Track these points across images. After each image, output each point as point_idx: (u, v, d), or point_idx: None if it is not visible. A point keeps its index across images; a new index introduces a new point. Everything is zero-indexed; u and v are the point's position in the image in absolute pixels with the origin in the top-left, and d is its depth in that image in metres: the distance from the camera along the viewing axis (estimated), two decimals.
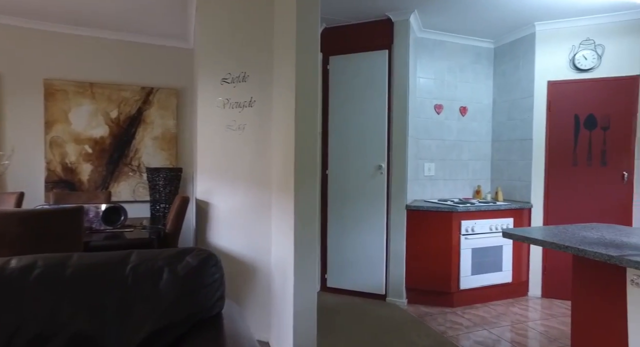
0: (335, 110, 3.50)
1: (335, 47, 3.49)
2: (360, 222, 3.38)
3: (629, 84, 3.21)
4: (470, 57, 3.83)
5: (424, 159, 3.69)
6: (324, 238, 3.53)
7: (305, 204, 2.10)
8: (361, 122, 3.39)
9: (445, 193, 3.79)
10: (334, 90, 3.50)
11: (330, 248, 3.50)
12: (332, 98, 3.51)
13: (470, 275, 3.18)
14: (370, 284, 3.34)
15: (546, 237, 1.73)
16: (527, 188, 3.46)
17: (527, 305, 3.22)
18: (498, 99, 3.85)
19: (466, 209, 3.12)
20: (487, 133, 3.93)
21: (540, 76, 3.39)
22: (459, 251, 3.14)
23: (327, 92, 3.53)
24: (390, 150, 3.28)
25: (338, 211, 3.47)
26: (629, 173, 3.22)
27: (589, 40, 3.27)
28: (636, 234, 1.89)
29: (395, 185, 3.26)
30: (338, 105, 3.49)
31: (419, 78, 3.65)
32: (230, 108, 2.63)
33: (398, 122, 3.27)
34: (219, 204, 2.67)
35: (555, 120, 3.35)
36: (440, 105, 3.72)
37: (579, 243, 1.61)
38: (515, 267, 3.35)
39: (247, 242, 2.58)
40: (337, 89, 3.49)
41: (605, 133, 3.24)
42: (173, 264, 1.36)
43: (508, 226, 3.31)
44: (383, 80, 3.31)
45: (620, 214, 3.23)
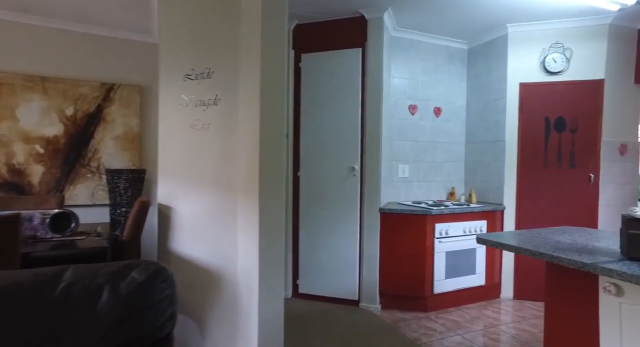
0: (308, 109, 3.38)
1: (307, 45, 3.37)
2: (333, 226, 3.28)
3: (595, 88, 3.26)
4: (445, 58, 3.80)
5: (398, 160, 3.63)
6: (296, 242, 3.41)
7: (271, 209, 1.98)
8: (334, 122, 3.29)
9: (419, 195, 3.74)
10: (306, 89, 3.38)
11: (302, 253, 3.38)
12: (304, 97, 3.39)
13: (444, 279, 3.13)
14: (343, 290, 3.24)
15: (520, 243, 1.67)
16: (500, 190, 3.45)
17: (499, 307, 3.21)
18: (472, 100, 3.84)
19: (440, 211, 3.07)
20: (461, 134, 3.91)
21: (512, 78, 3.39)
22: (432, 254, 3.09)
23: (299, 91, 3.41)
24: (364, 152, 3.19)
25: (310, 214, 3.35)
26: (595, 175, 3.26)
27: (558, 44, 3.30)
28: (606, 237, 1.87)
29: (369, 187, 3.17)
30: (310, 105, 3.37)
31: (393, 78, 3.58)
32: (194, 106, 2.46)
33: (372, 122, 3.18)
34: (182, 209, 2.50)
35: (527, 122, 3.36)
36: (414, 106, 3.67)
37: (553, 249, 1.56)
38: (488, 270, 3.33)
39: (212, 250, 2.42)
40: (310, 87, 3.37)
41: (573, 135, 3.28)
42: (115, 281, 1.20)
43: (481, 229, 3.29)
44: (356, 79, 3.22)
45: (587, 215, 3.27)
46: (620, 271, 1.27)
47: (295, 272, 3.42)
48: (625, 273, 1.26)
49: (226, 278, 2.39)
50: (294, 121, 3.43)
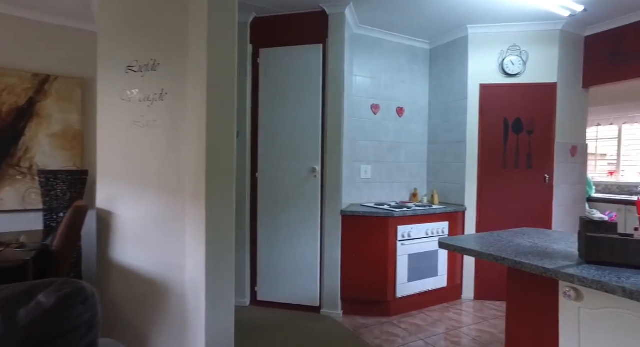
0: (266, 107, 3.22)
1: (266, 39, 3.21)
2: (293, 229, 3.14)
3: (549, 91, 3.33)
4: (407, 57, 3.76)
5: (361, 161, 3.54)
6: (254, 247, 3.23)
7: (219, 214, 1.81)
8: (294, 121, 3.15)
9: (382, 196, 3.68)
10: (264, 85, 3.22)
11: (260, 258, 3.21)
12: (262, 94, 3.22)
13: (407, 282, 3.07)
14: (304, 296, 3.10)
15: (482, 247, 1.61)
16: (461, 191, 3.46)
17: (460, 309, 3.20)
18: (434, 101, 3.83)
19: (403, 213, 3.01)
20: (424, 135, 3.90)
21: (473, 79, 3.40)
22: (395, 257, 3.02)
23: (257, 88, 3.23)
24: (325, 152, 3.08)
25: (269, 217, 3.19)
26: (549, 176, 3.34)
27: (516, 47, 3.35)
28: (563, 239, 1.86)
29: (330, 189, 3.06)
30: (269, 102, 3.21)
31: (356, 76, 3.49)
32: (137, 101, 2.23)
33: (333, 121, 3.07)
34: (124, 214, 2.26)
35: (487, 123, 3.39)
36: (377, 106, 3.60)
37: (515, 254, 1.51)
38: (450, 272, 3.32)
39: (157, 259, 2.20)
40: (268, 84, 3.21)
41: (530, 137, 3.34)
42: (12, 309, 0.99)
43: (443, 230, 3.27)
44: (317, 76, 3.10)
45: (543, 214, 3.34)
46: (581, 277, 1.23)
47: (253, 279, 3.25)
48: (586, 279, 1.21)
49: (173, 289, 2.18)
50: (252, 119, 3.25)
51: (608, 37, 3.37)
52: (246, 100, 3.22)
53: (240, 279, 3.23)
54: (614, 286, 1.14)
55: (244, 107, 3.22)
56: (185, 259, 2.17)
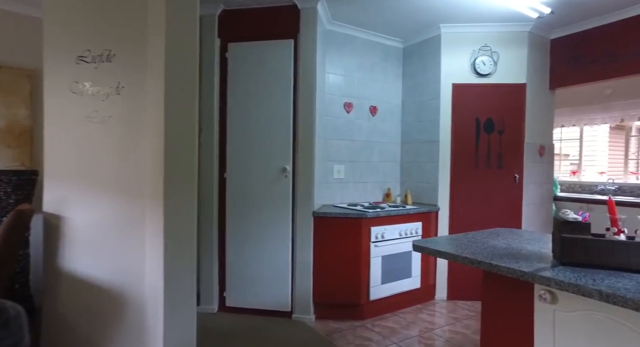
0: (235, 104, 3.07)
1: (235, 33, 3.07)
2: (263, 232, 3.01)
3: (518, 92, 3.38)
4: (380, 55, 3.72)
5: (333, 160, 3.46)
6: (222, 251, 3.08)
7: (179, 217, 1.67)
8: (264, 118, 3.03)
9: (355, 197, 3.62)
10: (233, 81, 3.07)
11: (229, 262, 3.07)
12: (231, 90, 3.08)
13: (381, 284, 3.02)
14: (275, 301, 2.98)
15: (458, 250, 1.56)
16: (434, 190, 3.44)
17: (434, 310, 3.18)
18: (407, 100, 3.81)
19: (376, 214, 2.96)
20: (397, 134, 3.86)
21: (445, 78, 3.39)
22: (368, 259, 2.96)
23: (225, 84, 3.09)
24: (296, 151, 2.97)
25: (238, 219, 3.05)
26: (519, 175, 3.38)
27: (487, 47, 3.37)
28: (535, 239, 1.84)
29: (302, 189, 2.96)
30: (238, 99, 3.07)
31: (328, 74, 3.41)
32: (90, 95, 2.04)
33: (305, 120, 2.97)
34: (77, 218, 2.06)
35: (460, 122, 3.39)
36: (350, 104, 3.53)
37: (491, 256, 1.46)
38: (423, 272, 3.30)
39: (114, 267, 2.02)
40: (237, 80, 3.07)
41: (501, 137, 3.37)
42: None
43: (417, 231, 3.24)
44: (288, 73, 2.99)
45: (513, 214, 3.38)
46: (558, 280, 1.19)
47: (222, 284, 3.09)
48: (562, 282, 1.17)
49: (131, 299, 2.01)
50: (220, 117, 3.10)
51: (572, 41, 3.45)
52: (214, 97, 3.07)
53: (208, 284, 3.07)
54: (590, 289, 1.11)
55: (211, 104, 3.06)
56: (145, 266, 2.01)
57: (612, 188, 4.68)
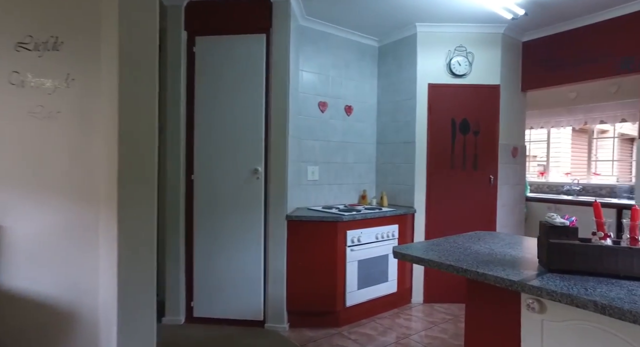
0: (203, 101, 2.89)
1: (203, 26, 2.88)
2: (234, 237, 2.84)
3: (493, 93, 3.38)
4: (355, 54, 3.63)
5: (307, 161, 3.34)
6: (190, 258, 2.89)
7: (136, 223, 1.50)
8: (235, 117, 2.86)
9: (330, 199, 3.51)
10: (201, 77, 2.89)
11: (197, 270, 2.87)
12: (199, 87, 2.89)
13: (357, 290, 2.92)
14: (246, 310, 2.82)
15: (441, 257, 1.47)
16: (410, 192, 3.39)
17: (410, 314, 3.12)
18: (382, 100, 3.74)
19: (352, 217, 2.85)
20: (372, 135, 3.79)
21: (421, 78, 3.35)
22: (344, 264, 2.85)
23: (192, 80, 2.89)
24: (269, 152, 2.82)
25: (206, 223, 2.87)
26: (494, 177, 3.39)
27: (462, 47, 3.35)
28: (517, 243, 1.80)
29: (275, 192, 2.81)
30: (206, 96, 2.89)
31: (302, 71, 3.28)
32: (34, 87, 1.81)
33: (278, 119, 2.83)
34: (18, 227, 1.83)
35: (436, 123, 3.35)
36: (324, 103, 3.42)
37: (476, 263, 1.38)
38: (400, 276, 3.23)
39: (62, 282, 1.80)
40: (206, 76, 2.88)
41: (476, 138, 3.36)
42: None
43: (393, 234, 3.17)
44: (260, 69, 2.84)
45: (488, 215, 3.38)
46: (549, 290, 1.11)
47: (189, 293, 2.90)
48: (554, 292, 1.10)
49: (83, 317, 1.80)
50: (187, 114, 2.90)
51: (542, 44, 3.50)
52: (180, 93, 2.87)
53: (174, 294, 2.86)
54: (584, 300, 1.04)
55: (177, 101, 2.86)
56: (98, 279, 1.80)
57: (577, 188, 4.82)
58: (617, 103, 4.59)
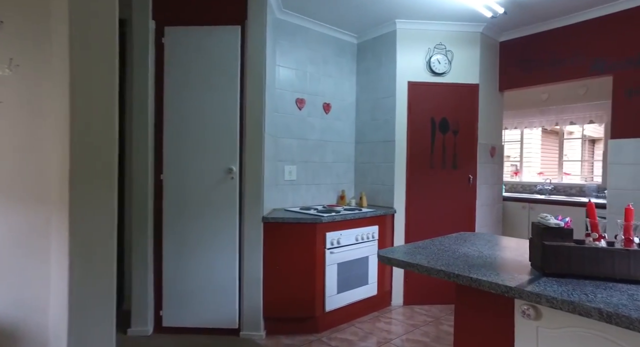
0: (174, 96, 2.70)
1: (173, 15, 2.69)
2: (207, 240, 2.67)
3: (472, 92, 3.36)
4: (334, 50, 3.53)
5: (285, 160, 3.20)
6: (159, 263, 2.69)
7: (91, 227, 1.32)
8: (208, 113, 2.69)
9: (308, 199, 3.38)
10: (171, 70, 2.70)
11: (166, 276, 2.68)
12: (168, 81, 2.70)
13: (336, 294, 2.81)
14: (220, 318, 2.66)
15: (430, 261, 1.38)
16: (390, 192, 3.32)
17: (391, 317, 3.04)
18: (361, 98, 3.66)
19: (332, 219, 2.74)
20: (351, 133, 3.70)
21: (401, 76, 3.28)
22: (323, 267, 2.74)
23: (161, 73, 2.70)
24: (244, 150, 2.67)
25: (177, 226, 2.68)
26: (473, 176, 3.37)
27: (442, 45, 3.31)
28: (506, 245, 1.74)
29: (250, 192, 2.66)
30: (177, 91, 2.70)
31: (279, 66, 3.14)
32: None
33: (253, 116, 2.68)
34: None
35: (415, 122, 3.30)
36: (302, 100, 3.30)
37: (467, 268, 1.30)
38: (380, 278, 3.15)
39: (5, 296, 1.59)
40: (176, 69, 2.70)
41: (456, 137, 3.33)
42: None
43: (373, 235, 3.08)
44: (235, 63, 2.68)
45: (467, 215, 3.36)
46: (549, 296, 1.04)
47: (158, 301, 2.70)
48: (555, 299, 1.02)
49: (30, 337, 1.59)
50: (156, 111, 2.71)
51: (519, 44, 3.52)
52: (148, 87, 2.67)
53: (141, 302, 2.66)
54: (587, 308, 0.97)
55: (145, 95, 2.66)
56: (49, 293, 1.60)
57: (549, 188, 4.92)
58: (586, 105, 4.72)
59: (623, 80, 2.93)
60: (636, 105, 2.87)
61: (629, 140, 2.89)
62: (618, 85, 2.96)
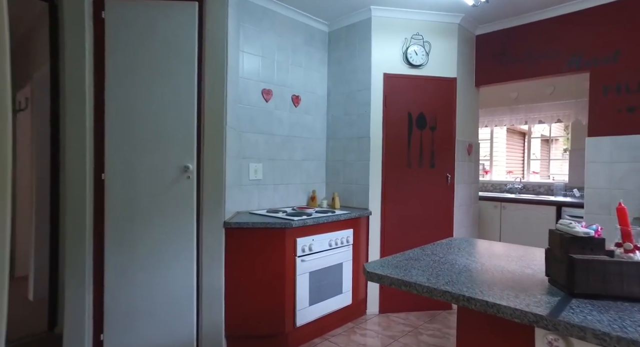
0: (117, 82, 2.29)
1: None
2: (158, 249, 2.29)
3: (450, 86, 3.19)
4: (304, 37, 3.23)
5: (249, 158, 2.88)
6: (99, 278, 2.28)
7: None
8: (159, 103, 2.31)
9: (276, 201, 3.07)
10: (113, 51, 2.29)
11: (109, 292, 2.28)
12: (111, 63, 2.29)
13: (308, 306, 2.53)
14: (175, 339, 2.29)
15: (430, 277, 1.12)
16: (364, 192, 3.08)
17: (366, 328, 2.80)
18: (333, 90, 3.39)
19: (303, 223, 2.45)
20: (322, 129, 3.43)
21: (376, 67, 3.05)
22: (294, 277, 2.45)
23: (102, 54, 2.29)
24: (202, 146, 2.32)
25: (123, 233, 2.28)
26: (451, 175, 3.21)
27: (419, 36, 3.12)
28: (507, 253, 1.53)
29: (210, 194, 2.32)
30: (122, 77, 2.30)
31: (243, 52, 2.81)
32: None
33: (213, 107, 2.34)
34: None
35: (391, 117, 3.08)
36: (269, 91, 2.98)
37: (476, 286, 1.06)
38: (354, 286, 2.90)
39: None
40: (120, 51, 2.29)
41: (433, 133, 3.15)
42: None
43: (348, 240, 2.83)
44: (191, 45, 2.32)
45: (445, 216, 3.19)
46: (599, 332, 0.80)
47: (97, 323, 2.28)
48: (607, 335, 0.79)
49: None
50: (96, 99, 2.29)
51: (495, 38, 3.40)
52: (84, 70, 2.24)
53: (77, 325, 2.24)
54: None
55: (80, 80, 2.24)
56: None
57: (518, 187, 4.91)
58: (553, 104, 4.74)
59: (600, 77, 2.86)
60: (612, 102, 2.81)
61: (605, 138, 2.83)
62: (595, 82, 2.89)
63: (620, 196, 2.75)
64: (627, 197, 2.72)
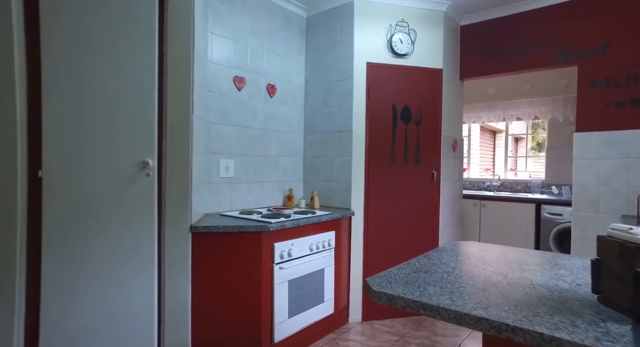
0: (58, 63, 1.92)
1: None
2: (111, 260, 1.94)
3: (436, 78, 3.02)
4: (280, 21, 2.95)
5: (219, 153, 2.56)
6: (34, 295, 1.90)
7: None
8: (111, 88, 1.96)
9: (249, 201, 2.78)
10: (52, 25, 1.91)
11: (46, 312, 1.90)
12: (48, 39, 1.91)
13: (287, 319, 2.26)
14: None
15: (453, 296, 0.89)
16: (346, 191, 2.84)
17: (349, 338, 2.57)
18: (312, 80, 3.13)
19: (281, 225, 2.18)
20: (300, 122, 3.16)
21: (359, 56, 2.82)
22: (271, 287, 2.17)
23: (36, 30, 1.90)
24: (164, 139, 2.00)
25: (66, 242, 1.91)
26: (437, 172, 3.03)
27: (404, 23, 2.91)
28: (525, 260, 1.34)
29: (173, 193, 2.00)
30: (64, 56, 1.92)
31: (212, 34, 2.49)
32: None
33: (177, 94, 2.02)
34: None
35: (375, 109, 2.85)
36: (241, 79, 2.67)
37: (518, 310, 0.84)
38: (336, 293, 2.66)
39: None
40: (62, 26, 1.92)
41: (419, 128, 2.96)
42: None
43: (330, 243, 2.58)
44: (150, 21, 1.98)
45: (431, 214, 3.02)
46: None
47: None
48: None
49: None
50: (30, 82, 1.90)
51: (481, 29, 3.27)
52: (12, 46, 1.85)
53: None
54: None
55: (9, 60, 1.84)
56: None
57: (497, 184, 4.87)
58: (530, 100, 4.72)
59: (588, 71, 2.77)
60: (600, 96, 2.72)
61: (593, 134, 2.74)
62: (583, 75, 2.80)
63: (607, 192, 2.68)
64: (614, 194, 2.65)
